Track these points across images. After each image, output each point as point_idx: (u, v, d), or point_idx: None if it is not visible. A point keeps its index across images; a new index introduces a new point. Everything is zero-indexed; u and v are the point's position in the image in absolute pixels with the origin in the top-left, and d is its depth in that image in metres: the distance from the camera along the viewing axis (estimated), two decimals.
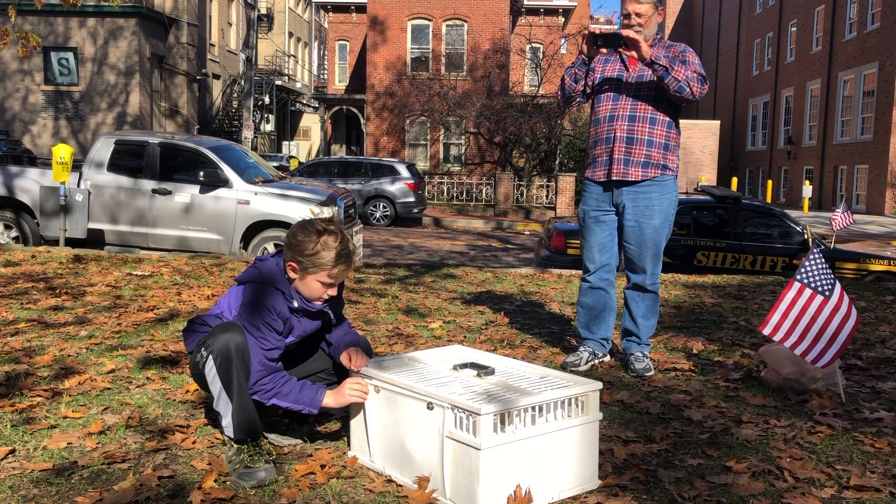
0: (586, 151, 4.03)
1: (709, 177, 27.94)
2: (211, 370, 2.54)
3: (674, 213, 3.89)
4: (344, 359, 2.72)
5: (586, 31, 3.75)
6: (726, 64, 42.07)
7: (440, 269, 7.77)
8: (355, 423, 2.71)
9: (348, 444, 2.80)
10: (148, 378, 3.61)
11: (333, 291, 2.72)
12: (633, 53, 3.65)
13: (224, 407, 2.55)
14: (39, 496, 2.34)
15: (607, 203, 3.90)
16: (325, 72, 40.45)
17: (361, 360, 2.70)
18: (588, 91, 3.95)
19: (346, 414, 2.85)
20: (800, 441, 2.97)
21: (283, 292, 2.67)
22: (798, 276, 3.46)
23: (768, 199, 29.22)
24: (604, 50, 3.76)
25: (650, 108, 3.77)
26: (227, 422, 2.56)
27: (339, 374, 2.91)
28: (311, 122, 44.22)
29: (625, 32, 3.63)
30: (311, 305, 2.72)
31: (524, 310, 5.65)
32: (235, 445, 2.56)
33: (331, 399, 2.64)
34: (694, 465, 2.71)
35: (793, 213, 13.05)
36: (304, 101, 43.77)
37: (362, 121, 29.60)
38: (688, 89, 3.66)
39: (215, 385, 2.55)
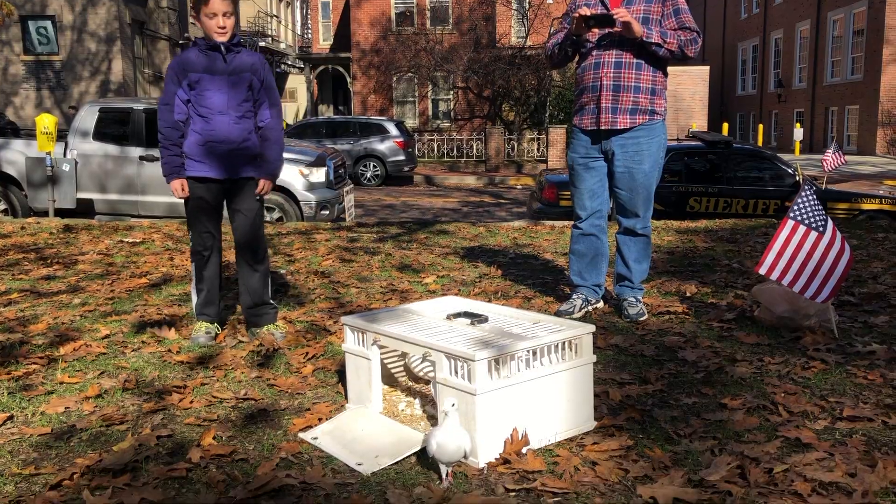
0: (574, 98, 3.99)
1: (700, 123, 27.81)
2: None
3: (663, 156, 3.87)
4: (258, 188, 3.62)
5: (576, 14, 3.69)
6: (714, 8, 41.57)
7: (433, 226, 7.76)
8: (352, 375, 2.72)
9: (346, 397, 2.82)
10: (143, 342, 3.61)
11: (220, 21, 3.42)
12: (625, 32, 3.62)
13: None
14: (39, 459, 2.35)
15: (596, 150, 3.88)
16: (309, 31, 39.86)
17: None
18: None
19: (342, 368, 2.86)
20: (793, 376, 2.99)
21: (195, 46, 3.51)
22: (791, 214, 3.46)
23: (759, 144, 29.13)
24: (595, 30, 3.71)
25: (635, 53, 3.72)
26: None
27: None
28: (297, 84, 43.70)
29: (617, 15, 3.58)
30: (214, 41, 3.46)
31: (517, 262, 5.65)
32: None
33: (172, 185, 3.52)
34: (689, 403, 2.74)
35: (785, 157, 12.99)
36: (289, 62, 43.21)
37: (349, 80, 29.27)
38: (681, 55, 3.71)
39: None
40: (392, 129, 19.84)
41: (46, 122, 8.63)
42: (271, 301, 3.78)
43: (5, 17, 8.59)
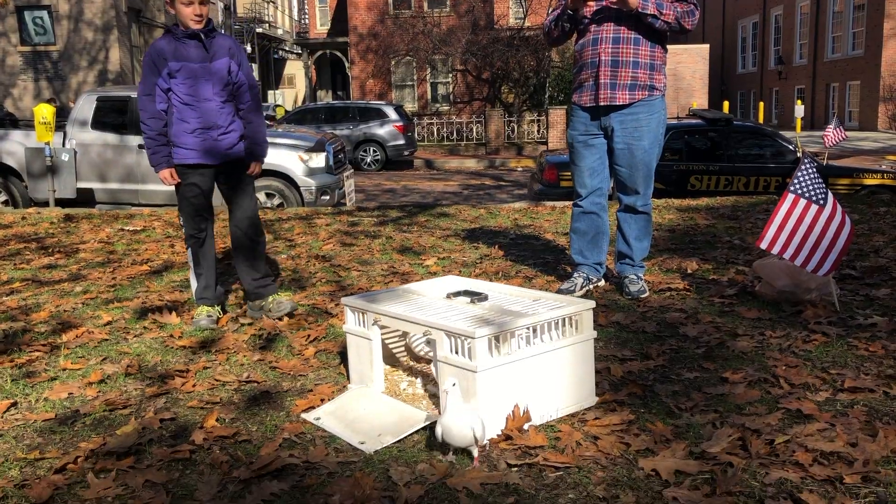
0: (573, 75, 3.97)
1: (700, 102, 27.68)
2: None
3: (663, 132, 3.85)
4: (250, 170, 3.71)
5: None
6: None
7: (433, 209, 7.75)
8: (353, 355, 2.72)
9: (347, 378, 2.82)
10: (145, 328, 3.62)
11: (196, 9, 3.44)
12: (620, 5, 3.59)
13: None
14: (44, 444, 2.36)
15: (595, 127, 3.86)
16: (306, 16, 39.66)
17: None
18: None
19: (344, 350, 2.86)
20: (795, 350, 2.99)
21: (169, 33, 3.50)
22: (791, 188, 3.45)
23: (760, 121, 29.01)
24: (591, 4, 3.69)
25: (633, 28, 3.70)
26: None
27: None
28: (296, 70, 43.54)
29: None
30: (189, 30, 3.48)
31: (518, 242, 5.64)
32: None
33: (161, 174, 3.54)
34: (690, 378, 2.74)
35: (787, 134, 12.89)
36: (287, 48, 43.03)
37: (347, 64, 29.15)
38: (678, 27, 3.68)
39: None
40: (391, 114, 19.77)
41: (45, 112, 8.61)
42: (270, 273, 3.88)
43: (1, 7, 8.52)
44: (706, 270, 4.46)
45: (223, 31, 3.58)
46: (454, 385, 2.14)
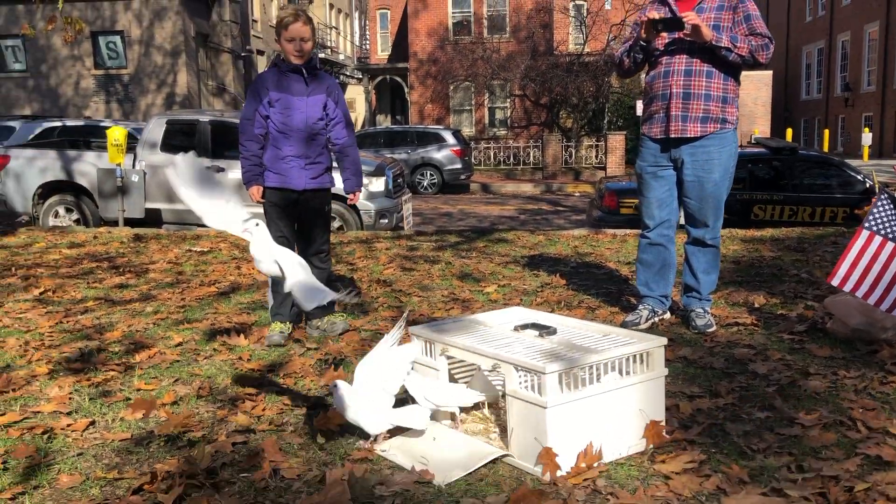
0: (643, 106, 3.96)
1: (762, 129, 27.21)
2: None
3: (734, 166, 3.80)
4: (349, 199, 4.07)
5: (644, 18, 3.67)
6: (777, 10, 40.66)
7: (491, 234, 7.76)
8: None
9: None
10: (215, 349, 3.71)
11: (297, 45, 3.71)
12: (694, 37, 3.59)
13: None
14: (121, 464, 2.43)
15: (665, 158, 3.83)
16: (367, 42, 40.30)
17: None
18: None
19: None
20: (871, 391, 2.91)
21: (276, 66, 3.81)
22: (866, 224, 3.37)
23: (825, 149, 28.37)
24: (664, 35, 3.69)
25: (706, 61, 3.67)
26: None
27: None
28: (356, 94, 44.21)
29: (687, 18, 3.54)
30: (293, 64, 3.76)
31: (579, 271, 5.61)
32: None
33: (251, 190, 3.83)
34: (762, 417, 2.68)
35: (853, 163, 12.58)
36: (348, 73, 43.75)
37: (406, 89, 29.49)
38: (752, 61, 3.64)
39: None
40: (449, 138, 19.92)
41: (117, 134, 8.91)
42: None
43: (77, 33, 8.88)
44: (774, 305, 4.37)
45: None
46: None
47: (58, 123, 13.58)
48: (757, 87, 27.59)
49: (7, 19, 24.89)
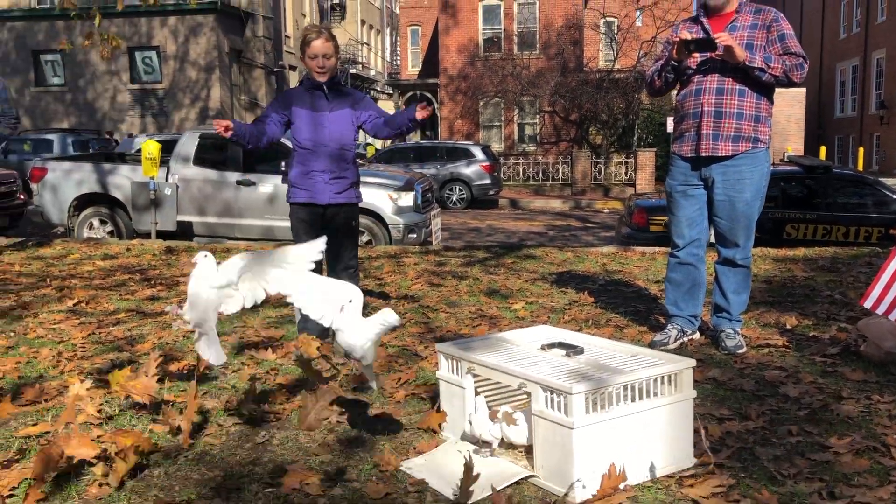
0: (673, 124, 3.94)
1: (795, 146, 26.89)
2: None
3: (766, 185, 3.76)
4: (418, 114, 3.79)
5: (676, 38, 3.66)
6: (811, 27, 40.30)
7: (519, 251, 7.75)
8: (446, 403, 2.73)
9: (438, 426, 2.83)
10: (243, 363, 3.73)
11: (320, 62, 3.83)
12: (727, 57, 3.57)
13: None
14: (150, 476, 2.45)
15: (696, 177, 3.80)
16: (398, 58, 40.62)
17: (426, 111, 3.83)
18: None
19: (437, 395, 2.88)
20: None
21: (300, 82, 3.95)
22: None
23: (860, 168, 27.95)
24: (696, 55, 3.68)
25: (738, 79, 3.65)
26: None
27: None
28: (386, 109, 44.50)
29: (719, 39, 3.53)
30: (316, 81, 3.88)
31: (608, 289, 5.58)
32: None
33: (216, 122, 3.71)
34: (793, 442, 2.64)
35: (888, 182, 12.36)
36: (379, 89, 44.10)
37: (436, 105, 29.64)
38: (786, 81, 3.62)
39: None
40: (478, 154, 19.96)
41: (151, 148, 9.06)
42: None
43: (114, 49, 9.05)
44: (806, 326, 4.30)
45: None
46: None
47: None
48: (790, 105, 27.31)
49: (47, 35, 25.48)
